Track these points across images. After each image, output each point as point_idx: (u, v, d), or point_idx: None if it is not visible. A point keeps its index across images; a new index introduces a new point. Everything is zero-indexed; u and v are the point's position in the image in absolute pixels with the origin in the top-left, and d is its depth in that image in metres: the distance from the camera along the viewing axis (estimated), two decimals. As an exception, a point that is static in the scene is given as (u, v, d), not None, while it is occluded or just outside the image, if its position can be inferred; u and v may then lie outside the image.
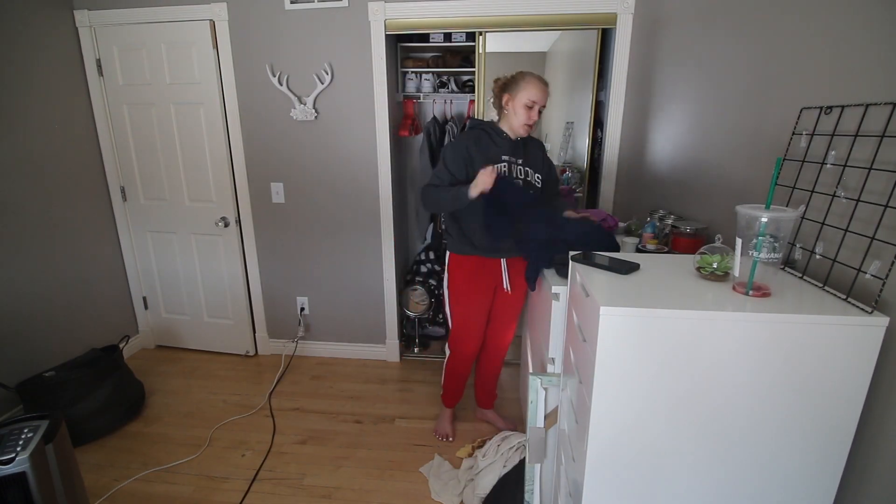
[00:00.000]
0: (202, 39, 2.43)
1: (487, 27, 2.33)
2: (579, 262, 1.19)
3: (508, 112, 1.80)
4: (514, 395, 2.51)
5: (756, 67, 1.41)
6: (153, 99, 2.57)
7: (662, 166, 2.12)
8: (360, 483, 1.90)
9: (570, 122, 2.92)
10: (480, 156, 1.78)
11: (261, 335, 2.93)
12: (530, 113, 1.76)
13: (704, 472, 0.98)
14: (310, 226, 2.70)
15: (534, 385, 1.36)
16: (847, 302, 0.91)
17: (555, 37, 2.92)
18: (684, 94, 1.91)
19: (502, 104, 1.81)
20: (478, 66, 2.40)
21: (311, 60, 2.42)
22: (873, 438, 0.93)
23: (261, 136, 2.57)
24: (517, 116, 1.77)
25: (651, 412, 0.95)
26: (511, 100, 1.77)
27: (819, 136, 1.08)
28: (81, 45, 2.53)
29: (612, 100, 2.35)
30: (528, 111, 1.76)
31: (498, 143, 1.81)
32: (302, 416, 2.34)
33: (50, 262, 2.40)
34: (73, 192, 2.53)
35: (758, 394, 0.91)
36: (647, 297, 0.96)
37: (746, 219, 0.99)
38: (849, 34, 1.04)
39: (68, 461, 1.51)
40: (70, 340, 2.49)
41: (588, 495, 1.02)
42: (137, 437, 2.20)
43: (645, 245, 1.68)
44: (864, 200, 0.93)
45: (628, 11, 2.22)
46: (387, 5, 2.32)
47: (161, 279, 2.90)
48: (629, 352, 0.92)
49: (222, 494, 1.85)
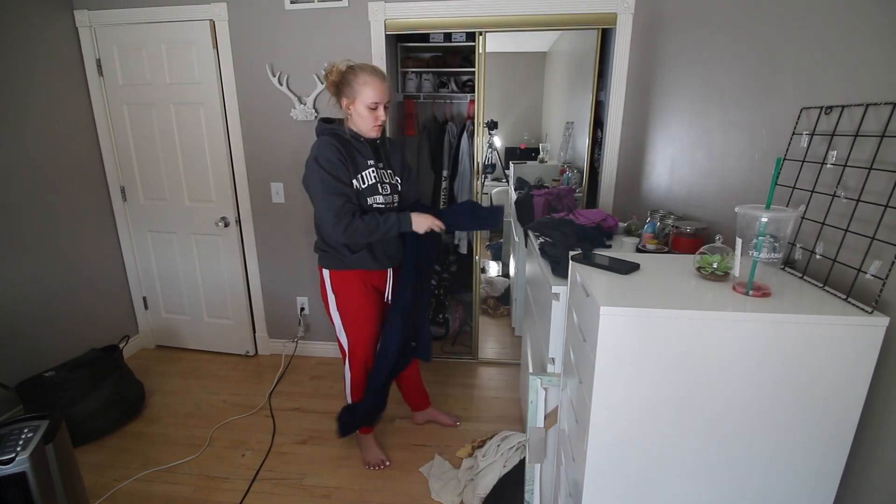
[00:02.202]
0: (202, 39, 2.43)
1: (487, 27, 2.33)
2: (579, 262, 1.19)
3: (352, 114, 1.67)
4: (514, 395, 2.51)
5: (756, 67, 1.41)
6: (153, 99, 2.57)
7: (662, 166, 2.12)
8: (360, 483, 1.90)
9: (570, 122, 2.93)
10: (351, 164, 1.65)
11: (261, 335, 2.93)
12: (376, 114, 1.65)
13: (704, 472, 0.98)
14: (310, 226, 2.69)
15: (534, 385, 1.36)
16: (847, 302, 0.91)
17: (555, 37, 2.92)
18: (684, 94, 1.91)
19: (342, 106, 1.67)
20: (478, 66, 2.40)
21: (311, 60, 2.42)
22: (873, 438, 0.93)
23: (261, 136, 2.57)
24: (363, 119, 1.65)
25: (651, 412, 0.95)
26: (351, 103, 1.64)
27: (819, 136, 1.08)
28: (81, 45, 2.53)
29: (612, 100, 2.35)
30: (372, 113, 1.64)
31: (361, 150, 1.69)
32: (302, 416, 2.34)
33: (50, 262, 2.40)
34: (73, 191, 2.53)
35: (758, 394, 0.91)
36: (647, 297, 0.96)
37: (746, 219, 0.99)
38: (849, 34, 1.04)
39: (68, 461, 1.51)
40: (70, 340, 2.49)
41: (588, 495, 1.02)
42: (137, 437, 2.20)
43: (645, 245, 1.68)
44: (864, 200, 0.93)
45: (628, 11, 2.22)
46: (387, 5, 2.32)
47: (161, 279, 2.90)
48: (629, 352, 0.92)
49: (222, 494, 1.85)
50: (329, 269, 1.80)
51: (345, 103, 1.66)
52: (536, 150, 3.38)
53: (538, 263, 1.70)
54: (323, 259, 1.81)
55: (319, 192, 1.61)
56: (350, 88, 1.63)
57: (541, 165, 3.24)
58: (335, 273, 1.80)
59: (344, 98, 1.66)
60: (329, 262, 1.79)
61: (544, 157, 3.33)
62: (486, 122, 2.48)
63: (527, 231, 2.00)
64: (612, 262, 1.15)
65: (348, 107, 1.66)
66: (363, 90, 1.62)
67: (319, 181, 1.60)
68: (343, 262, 1.77)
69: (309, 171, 1.64)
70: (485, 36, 2.36)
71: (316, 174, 1.61)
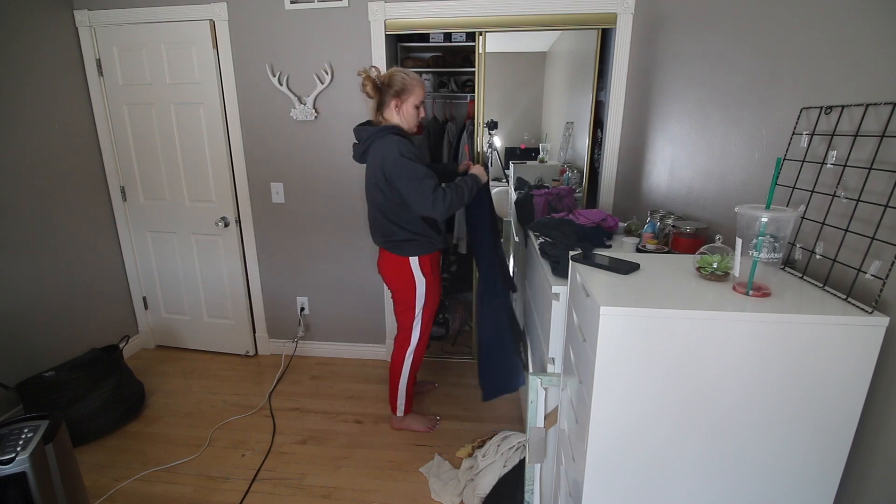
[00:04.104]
0: (202, 39, 2.43)
1: (487, 27, 2.33)
2: (579, 262, 1.19)
3: (401, 113, 1.85)
4: (514, 395, 2.51)
5: (756, 67, 1.41)
6: (153, 99, 2.57)
7: (662, 166, 2.12)
8: (360, 483, 1.90)
9: (570, 122, 2.92)
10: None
11: (261, 335, 2.93)
12: (420, 112, 1.88)
13: (704, 471, 0.98)
14: (310, 226, 2.70)
15: (534, 385, 1.36)
16: (847, 302, 0.91)
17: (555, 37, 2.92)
18: (684, 94, 1.91)
19: (391, 107, 1.84)
20: (478, 66, 2.40)
21: (310, 60, 2.42)
22: (873, 438, 0.93)
23: (261, 136, 2.57)
24: (411, 118, 1.86)
25: (651, 411, 0.95)
26: (402, 103, 1.83)
27: (819, 136, 1.08)
28: (81, 45, 2.53)
29: (612, 100, 2.35)
30: (417, 111, 1.87)
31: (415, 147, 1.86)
32: (302, 416, 2.34)
33: (50, 262, 2.40)
34: (73, 192, 2.53)
35: (757, 393, 0.91)
36: (647, 297, 0.96)
37: (746, 219, 0.99)
38: (849, 34, 1.04)
39: (68, 461, 1.51)
40: (70, 340, 2.49)
41: (588, 495, 1.02)
42: (137, 437, 2.20)
43: (645, 245, 1.68)
44: (864, 200, 0.93)
45: (628, 11, 2.22)
46: (387, 5, 2.32)
47: (161, 279, 2.90)
48: (629, 352, 0.92)
49: (222, 494, 1.85)
50: (418, 255, 1.94)
51: (395, 103, 1.83)
52: (536, 150, 3.38)
53: (538, 263, 1.70)
54: (409, 248, 1.92)
55: (413, 178, 1.74)
56: (402, 90, 1.82)
57: (541, 165, 3.23)
58: (423, 258, 1.95)
59: (394, 98, 1.82)
60: (417, 249, 1.93)
61: (544, 157, 3.32)
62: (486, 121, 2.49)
63: (527, 231, 2.01)
64: (612, 262, 1.15)
65: (398, 106, 1.83)
66: (415, 90, 1.83)
67: (412, 170, 1.74)
68: (431, 244, 1.95)
69: (397, 164, 1.75)
70: (485, 36, 2.36)
71: (407, 165, 1.74)
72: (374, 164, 1.82)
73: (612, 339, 0.91)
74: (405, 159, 1.74)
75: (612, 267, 1.13)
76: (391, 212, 1.87)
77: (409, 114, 1.85)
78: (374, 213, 1.94)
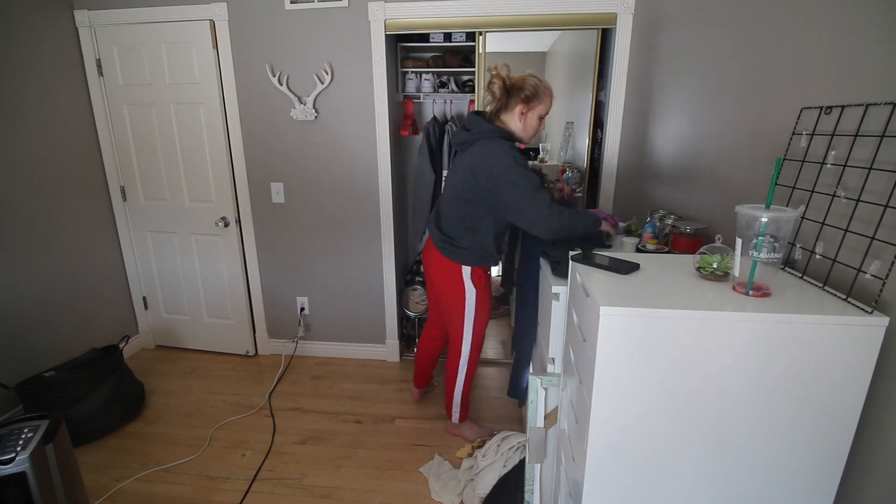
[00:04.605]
0: (202, 39, 2.43)
1: (487, 27, 2.33)
2: (579, 262, 1.19)
3: (524, 121, 1.74)
4: (514, 395, 2.51)
5: (756, 67, 1.41)
6: (153, 99, 2.57)
7: (662, 166, 2.12)
8: (360, 483, 1.90)
9: (570, 122, 2.93)
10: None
11: (261, 335, 2.93)
12: (542, 124, 1.76)
13: (704, 471, 0.98)
14: (310, 226, 2.70)
15: (534, 385, 1.36)
16: (847, 302, 0.91)
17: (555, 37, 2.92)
18: (684, 94, 1.91)
19: (515, 112, 1.73)
20: (478, 66, 2.40)
21: (310, 60, 2.42)
22: (873, 438, 0.93)
23: (261, 135, 2.57)
24: (531, 127, 1.75)
25: (651, 411, 0.95)
26: (529, 110, 1.72)
27: (819, 136, 1.08)
28: (81, 45, 2.53)
29: (612, 100, 2.35)
30: (540, 122, 1.76)
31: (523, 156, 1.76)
32: (302, 416, 2.34)
33: (50, 262, 2.40)
34: (73, 192, 2.53)
35: (758, 393, 0.91)
36: (647, 297, 0.96)
37: (746, 219, 0.99)
38: (849, 34, 1.04)
39: (68, 461, 1.51)
40: (70, 340, 2.49)
41: (588, 495, 1.02)
42: (137, 437, 2.20)
43: (645, 245, 1.68)
44: (864, 200, 0.93)
45: (628, 11, 2.22)
46: (387, 5, 2.32)
47: (161, 279, 2.90)
48: (629, 351, 0.92)
49: (222, 494, 1.85)
50: (471, 265, 1.87)
51: (521, 109, 1.72)
52: (536, 149, 3.38)
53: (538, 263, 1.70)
54: (465, 256, 1.86)
55: (526, 188, 1.61)
56: (532, 96, 1.70)
57: (541, 165, 3.23)
58: (476, 269, 1.88)
59: (522, 103, 1.71)
60: (472, 260, 1.86)
61: (544, 156, 3.33)
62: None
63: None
64: (612, 262, 1.15)
65: (523, 113, 1.72)
66: (545, 101, 1.72)
67: (525, 179, 1.62)
68: (485, 260, 1.88)
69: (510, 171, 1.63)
70: (485, 36, 2.36)
71: (521, 174, 1.62)
72: (473, 161, 1.70)
73: (612, 338, 0.91)
74: (520, 167, 1.63)
75: (612, 267, 1.13)
76: (469, 216, 1.78)
77: (531, 123, 1.74)
78: (447, 206, 1.85)
